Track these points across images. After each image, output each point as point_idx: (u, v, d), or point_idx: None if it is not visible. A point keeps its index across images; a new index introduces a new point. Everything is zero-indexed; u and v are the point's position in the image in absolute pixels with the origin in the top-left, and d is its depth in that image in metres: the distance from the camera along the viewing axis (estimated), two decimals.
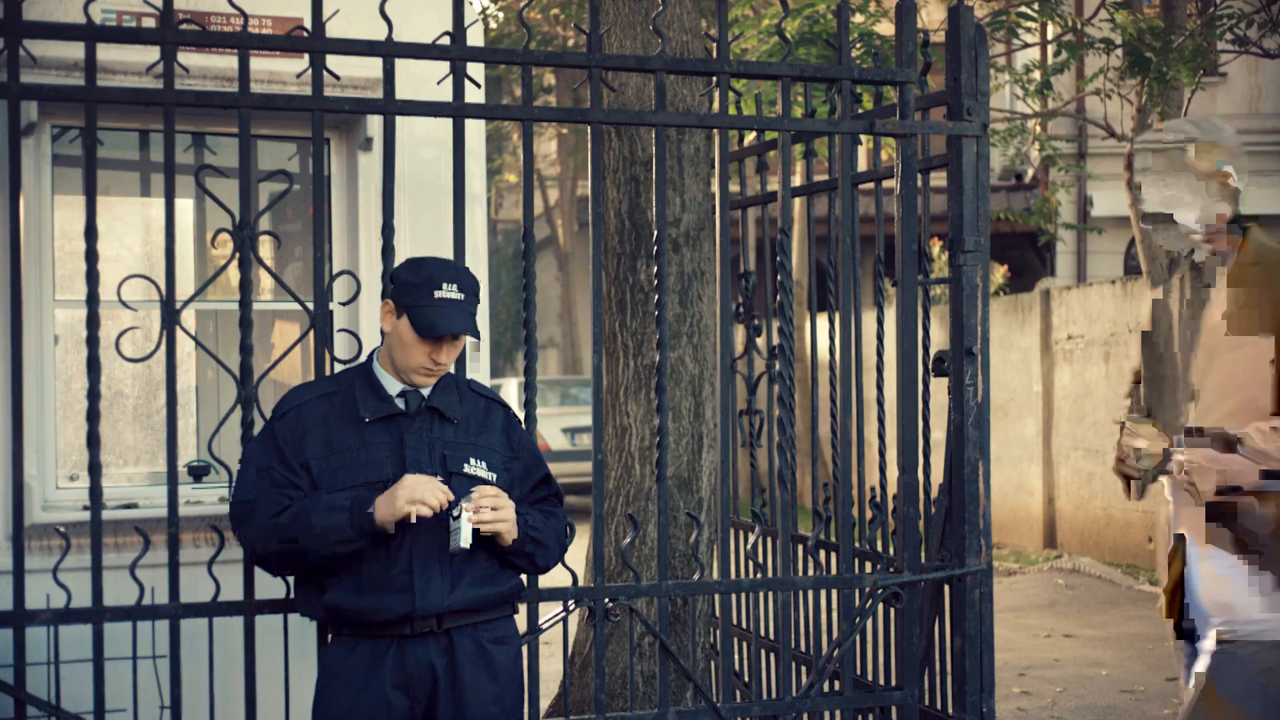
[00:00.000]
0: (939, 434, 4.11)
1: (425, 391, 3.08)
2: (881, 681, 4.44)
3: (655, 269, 3.72)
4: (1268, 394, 2.91)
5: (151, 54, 3.66)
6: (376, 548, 2.97)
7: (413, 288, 3.02)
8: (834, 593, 4.17)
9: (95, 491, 3.26)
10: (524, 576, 3.23)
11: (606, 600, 3.71)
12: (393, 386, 3.07)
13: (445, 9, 4.06)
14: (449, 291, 3.01)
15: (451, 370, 3.26)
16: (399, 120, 3.58)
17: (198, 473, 4.68)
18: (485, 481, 3.05)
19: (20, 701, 3.20)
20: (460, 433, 3.08)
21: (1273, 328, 2.93)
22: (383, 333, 3.10)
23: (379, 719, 2.96)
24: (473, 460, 3.06)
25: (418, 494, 2.88)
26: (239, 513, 3.04)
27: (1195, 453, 2.93)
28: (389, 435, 3.03)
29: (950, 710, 4.02)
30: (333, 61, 3.48)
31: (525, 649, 3.51)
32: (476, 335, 3.04)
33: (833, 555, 4.54)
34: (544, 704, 5.86)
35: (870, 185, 4.49)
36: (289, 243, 5.27)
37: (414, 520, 2.88)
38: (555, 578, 3.64)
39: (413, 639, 2.98)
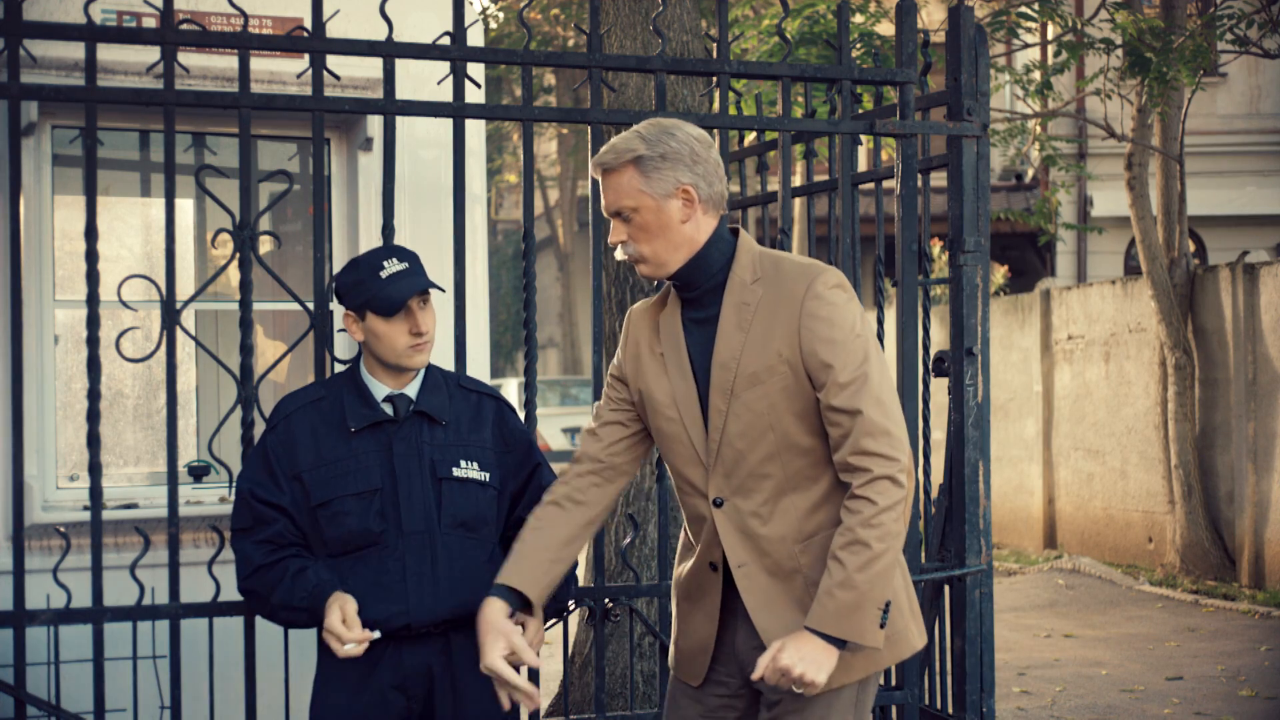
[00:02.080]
0: (939, 434, 4.13)
1: (412, 393, 3.07)
2: (881, 681, 4.44)
3: None
4: (802, 426, 2.63)
5: (152, 54, 3.67)
6: (370, 557, 2.97)
7: (358, 284, 3.00)
8: None
9: (95, 491, 3.26)
10: None
11: (606, 600, 3.71)
12: (379, 391, 3.05)
13: (445, 9, 4.07)
14: (392, 266, 2.98)
15: (446, 368, 3.25)
16: (399, 120, 3.58)
17: (198, 473, 4.68)
18: (476, 483, 3.04)
19: (20, 701, 3.20)
20: (450, 434, 3.06)
21: (790, 353, 2.61)
22: (360, 345, 3.08)
23: (376, 719, 2.96)
24: (463, 462, 3.04)
25: (339, 645, 2.86)
26: (233, 541, 3.06)
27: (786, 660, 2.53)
28: (377, 443, 3.01)
29: (950, 710, 4.02)
30: (333, 61, 3.48)
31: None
32: (440, 288, 3.01)
33: None
34: (544, 704, 5.86)
35: (870, 185, 4.49)
36: (289, 243, 5.28)
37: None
38: None
39: (410, 640, 2.97)
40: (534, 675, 3.57)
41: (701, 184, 2.68)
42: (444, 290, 3.05)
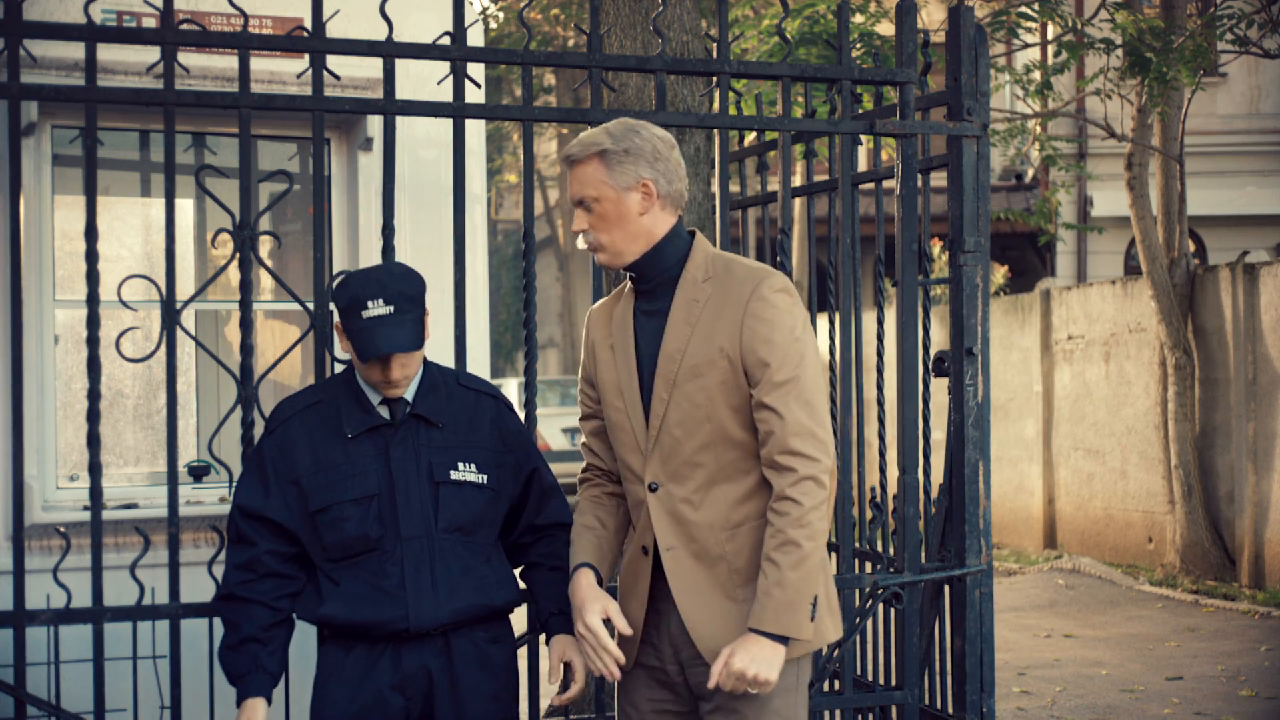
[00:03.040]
0: (939, 434, 4.12)
1: (409, 396, 3.06)
2: (881, 681, 4.44)
3: None
4: (737, 419, 2.74)
5: (152, 54, 3.67)
6: (369, 562, 2.97)
7: (344, 311, 2.94)
8: None
9: (95, 491, 3.26)
10: (521, 585, 3.21)
11: None
12: (375, 395, 3.03)
13: (445, 9, 4.07)
14: (375, 308, 2.89)
15: (441, 364, 3.24)
16: (399, 120, 3.58)
17: (198, 473, 4.68)
18: (473, 486, 3.03)
19: (20, 701, 3.20)
20: (448, 436, 3.04)
21: (730, 349, 2.72)
22: None
23: (375, 719, 2.95)
24: (461, 465, 3.02)
25: None
26: (227, 549, 3.07)
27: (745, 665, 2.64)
28: (374, 448, 3.00)
29: (950, 710, 4.02)
30: (333, 61, 3.48)
31: (526, 648, 3.51)
32: (411, 348, 2.91)
33: (833, 555, 4.54)
34: (544, 704, 5.86)
35: (870, 185, 4.49)
36: (289, 243, 5.28)
37: None
38: None
39: (409, 641, 2.97)
40: (534, 675, 3.57)
41: (661, 180, 2.81)
42: (419, 347, 2.95)
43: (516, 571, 3.18)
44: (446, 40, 3.52)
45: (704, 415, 2.76)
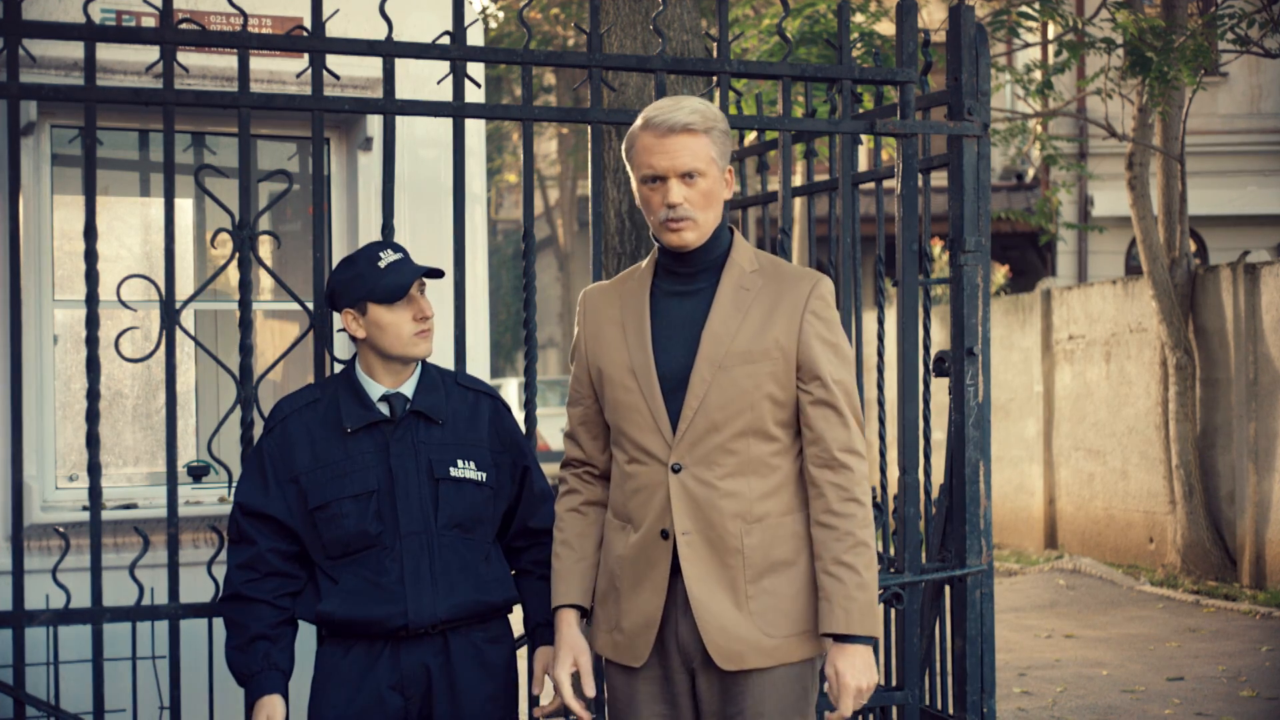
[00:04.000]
0: (939, 434, 4.11)
1: (408, 392, 3.06)
2: (882, 681, 4.44)
3: None
4: (777, 413, 2.75)
5: (151, 54, 3.67)
6: (368, 559, 2.97)
7: (357, 278, 2.99)
8: None
9: (95, 492, 3.25)
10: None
11: None
12: (375, 391, 3.03)
13: (445, 9, 4.06)
14: (389, 256, 3.00)
15: (446, 367, 3.24)
16: (399, 120, 3.57)
17: (197, 473, 4.68)
18: (473, 483, 3.03)
19: (20, 702, 3.20)
20: (447, 433, 3.04)
21: (787, 342, 2.75)
22: (358, 341, 3.04)
23: (374, 719, 2.95)
24: (460, 462, 3.03)
25: None
26: (226, 550, 3.07)
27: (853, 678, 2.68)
28: (374, 444, 3.00)
29: (951, 710, 4.01)
30: (333, 61, 3.47)
31: (526, 649, 3.51)
32: (440, 271, 3.04)
33: None
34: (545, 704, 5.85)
35: (871, 185, 4.48)
36: (289, 243, 5.27)
37: None
38: None
39: (408, 640, 2.97)
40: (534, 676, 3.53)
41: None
42: (443, 274, 3.06)
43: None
44: (446, 40, 3.51)
45: (747, 403, 2.73)
